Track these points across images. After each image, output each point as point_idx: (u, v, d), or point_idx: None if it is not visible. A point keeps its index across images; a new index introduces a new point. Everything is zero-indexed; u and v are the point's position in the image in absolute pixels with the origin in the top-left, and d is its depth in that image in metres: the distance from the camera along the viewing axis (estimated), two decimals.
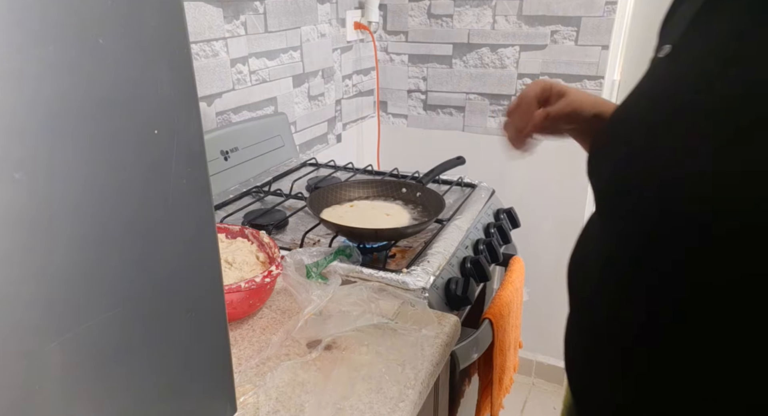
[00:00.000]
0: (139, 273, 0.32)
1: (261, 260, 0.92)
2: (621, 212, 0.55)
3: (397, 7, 1.99)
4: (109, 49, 0.27)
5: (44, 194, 0.26)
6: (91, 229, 0.28)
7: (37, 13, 0.24)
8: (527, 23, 1.83)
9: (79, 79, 0.26)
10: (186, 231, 0.35)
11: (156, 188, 0.32)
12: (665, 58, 0.56)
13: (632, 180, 0.52)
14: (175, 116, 0.32)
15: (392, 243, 1.06)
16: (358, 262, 0.97)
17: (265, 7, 1.49)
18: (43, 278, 0.26)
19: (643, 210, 0.51)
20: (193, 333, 0.38)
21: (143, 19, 0.29)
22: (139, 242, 0.31)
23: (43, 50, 0.24)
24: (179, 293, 0.36)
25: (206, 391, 0.42)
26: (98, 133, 0.28)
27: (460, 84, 2.00)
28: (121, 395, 0.33)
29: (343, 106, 1.98)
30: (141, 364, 0.34)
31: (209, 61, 1.35)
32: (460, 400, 1.07)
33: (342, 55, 1.90)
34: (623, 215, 0.55)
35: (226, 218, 1.18)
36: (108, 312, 0.30)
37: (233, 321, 0.84)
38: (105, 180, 0.28)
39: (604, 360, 0.59)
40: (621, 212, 0.55)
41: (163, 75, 0.30)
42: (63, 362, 0.28)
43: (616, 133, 0.58)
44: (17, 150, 0.24)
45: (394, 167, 1.49)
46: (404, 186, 1.23)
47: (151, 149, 0.31)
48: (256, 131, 1.47)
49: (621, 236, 0.56)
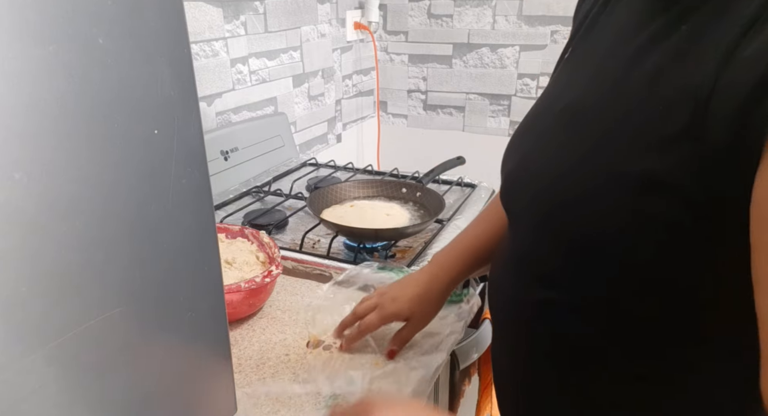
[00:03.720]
0: (139, 273, 0.32)
1: (261, 260, 0.92)
2: (512, 217, 0.58)
3: (397, 7, 1.99)
4: (109, 49, 0.27)
5: (44, 194, 0.25)
6: (91, 229, 0.28)
7: (37, 13, 0.24)
8: (527, 23, 1.83)
9: (79, 80, 0.26)
10: (186, 231, 0.35)
11: (156, 188, 0.32)
12: (566, 61, 0.58)
13: (520, 185, 0.55)
14: (175, 116, 0.32)
15: (392, 243, 1.06)
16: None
17: (265, 7, 1.49)
18: (43, 278, 0.26)
19: (526, 215, 0.54)
20: (193, 333, 0.38)
21: (143, 19, 0.29)
22: (139, 242, 0.31)
23: (43, 50, 0.24)
24: (179, 293, 0.36)
25: (206, 391, 0.42)
26: (98, 133, 0.28)
27: (460, 84, 2.00)
28: (121, 395, 0.33)
29: (343, 106, 1.98)
30: (141, 364, 0.34)
31: (209, 61, 1.35)
32: (460, 400, 1.07)
33: (342, 55, 1.90)
34: (512, 220, 0.58)
35: (226, 218, 1.18)
36: (108, 312, 0.30)
37: (233, 321, 0.84)
38: (105, 180, 0.28)
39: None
40: (512, 218, 0.58)
41: (163, 75, 0.30)
42: (63, 361, 0.28)
43: (514, 140, 0.59)
44: (17, 150, 0.24)
45: (394, 167, 1.49)
46: (404, 186, 1.23)
47: (151, 149, 0.31)
48: (256, 131, 1.47)
49: (515, 240, 0.58)
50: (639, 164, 0.40)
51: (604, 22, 0.54)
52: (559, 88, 0.57)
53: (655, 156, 0.39)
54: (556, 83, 0.58)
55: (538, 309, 0.53)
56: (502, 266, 0.61)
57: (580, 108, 0.49)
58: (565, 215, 0.47)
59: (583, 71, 0.52)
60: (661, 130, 0.40)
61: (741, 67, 0.35)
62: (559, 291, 0.50)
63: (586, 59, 0.53)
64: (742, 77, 0.35)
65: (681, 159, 0.38)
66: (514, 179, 0.56)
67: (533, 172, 0.52)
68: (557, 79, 0.58)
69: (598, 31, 0.54)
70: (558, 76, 0.59)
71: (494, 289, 0.63)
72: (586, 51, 0.54)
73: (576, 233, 0.46)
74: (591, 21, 0.55)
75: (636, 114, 0.42)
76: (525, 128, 0.58)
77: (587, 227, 0.45)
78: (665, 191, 0.39)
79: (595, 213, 0.44)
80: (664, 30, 0.43)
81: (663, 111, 0.40)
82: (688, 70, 0.39)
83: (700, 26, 0.40)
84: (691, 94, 0.38)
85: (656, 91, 0.41)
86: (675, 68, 0.41)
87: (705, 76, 0.37)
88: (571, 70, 0.56)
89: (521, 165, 0.55)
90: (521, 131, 0.59)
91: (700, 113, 0.37)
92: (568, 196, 0.46)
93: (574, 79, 0.53)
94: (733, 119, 0.35)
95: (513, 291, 0.57)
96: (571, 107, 0.50)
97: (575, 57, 0.56)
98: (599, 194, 0.43)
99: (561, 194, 0.47)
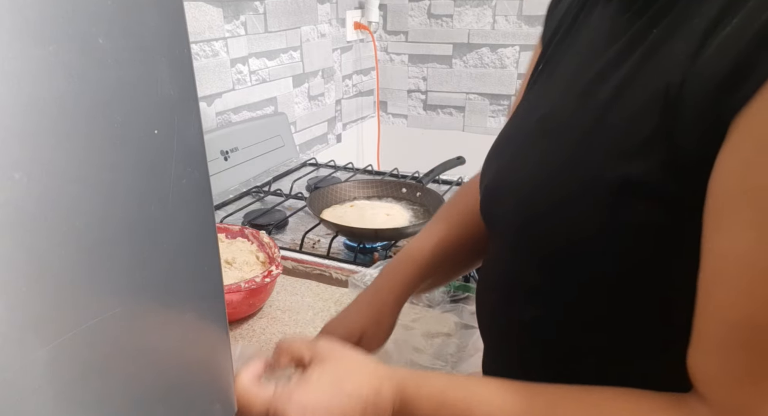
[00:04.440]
0: (139, 273, 0.32)
1: (261, 260, 0.92)
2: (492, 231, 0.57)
3: (397, 7, 1.99)
4: (109, 49, 0.27)
5: (44, 194, 0.25)
6: (91, 229, 0.28)
7: (37, 13, 0.24)
8: (527, 23, 1.83)
9: (79, 79, 0.26)
10: (186, 231, 0.35)
11: (156, 188, 0.32)
12: (541, 72, 0.57)
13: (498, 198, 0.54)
14: (175, 116, 0.32)
15: (392, 243, 1.06)
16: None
17: (265, 7, 1.49)
18: (43, 278, 0.26)
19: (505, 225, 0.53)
20: (193, 333, 0.38)
21: (143, 19, 0.29)
22: (139, 242, 0.31)
23: (43, 50, 0.24)
24: (179, 293, 0.36)
25: (206, 391, 0.42)
26: (98, 132, 0.28)
27: (460, 84, 2.00)
28: (120, 395, 0.33)
29: (343, 106, 1.98)
30: (141, 364, 0.34)
31: (209, 61, 1.35)
32: None
33: (342, 55, 1.90)
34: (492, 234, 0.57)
35: (226, 218, 1.18)
36: (108, 312, 0.30)
37: (233, 321, 0.84)
38: (105, 180, 0.28)
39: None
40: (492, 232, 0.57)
41: (163, 75, 0.30)
42: (63, 362, 0.28)
43: (491, 153, 0.58)
44: (17, 150, 0.24)
45: (394, 167, 1.49)
46: (404, 186, 1.23)
47: (151, 149, 0.31)
48: (256, 131, 1.47)
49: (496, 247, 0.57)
50: (615, 169, 0.40)
51: (576, 31, 0.53)
52: (534, 99, 0.56)
53: (632, 161, 0.39)
54: (532, 94, 0.57)
55: (525, 325, 0.52)
56: (484, 281, 0.61)
57: (556, 119, 0.48)
58: (542, 225, 0.46)
59: (558, 82, 0.52)
60: (635, 134, 0.39)
61: (709, 59, 0.35)
62: (543, 304, 0.50)
63: (560, 69, 0.53)
64: (710, 69, 0.35)
65: (657, 161, 0.38)
66: (492, 192, 0.55)
67: (511, 185, 0.51)
68: (533, 90, 0.58)
69: (571, 41, 0.53)
70: (533, 87, 0.58)
71: (481, 305, 0.62)
72: (560, 61, 0.54)
73: (553, 243, 0.46)
74: (564, 31, 0.55)
75: (609, 121, 0.42)
76: (502, 140, 0.58)
77: (564, 237, 0.44)
78: (644, 195, 0.39)
79: (572, 222, 0.44)
80: (635, 37, 0.43)
81: (635, 115, 0.40)
82: (658, 71, 0.39)
83: (670, 28, 0.40)
84: (662, 93, 0.38)
85: (628, 95, 0.41)
86: (646, 71, 0.40)
87: (674, 73, 0.37)
88: (545, 81, 0.55)
89: (498, 177, 0.54)
90: (498, 144, 0.58)
91: (670, 111, 0.37)
92: (544, 206, 0.46)
93: (550, 90, 0.53)
94: (704, 111, 0.35)
95: (498, 307, 0.57)
96: (547, 118, 0.50)
97: (549, 67, 0.56)
98: (576, 202, 0.43)
99: (538, 205, 0.47)
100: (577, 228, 0.43)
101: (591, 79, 0.46)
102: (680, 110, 0.36)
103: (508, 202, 0.51)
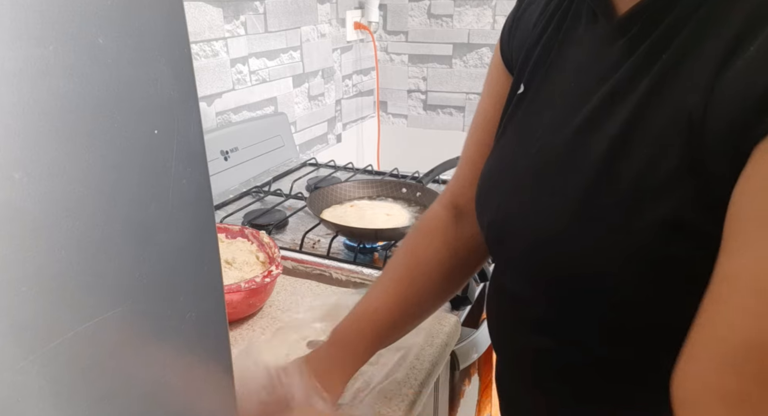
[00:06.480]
0: (139, 273, 0.32)
1: (261, 260, 0.92)
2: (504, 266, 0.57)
3: (397, 7, 1.99)
4: (108, 49, 0.27)
5: (44, 194, 0.25)
6: (91, 229, 0.28)
7: (37, 13, 0.24)
8: None
9: (79, 79, 0.26)
10: (186, 231, 0.35)
11: (156, 188, 0.32)
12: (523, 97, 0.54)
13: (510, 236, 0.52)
14: (175, 116, 0.31)
15: (392, 243, 1.06)
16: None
17: (265, 7, 1.49)
18: (42, 278, 0.26)
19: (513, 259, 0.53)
20: (193, 333, 0.38)
21: (143, 19, 0.29)
22: (139, 242, 0.31)
23: (43, 50, 0.24)
24: (179, 293, 0.36)
25: (206, 391, 0.42)
26: (98, 132, 0.28)
27: (460, 84, 2.00)
28: (121, 395, 0.33)
29: (343, 106, 1.98)
30: (140, 364, 0.34)
31: (209, 61, 1.35)
32: (460, 400, 1.06)
33: (342, 55, 1.90)
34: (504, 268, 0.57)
35: (226, 218, 1.18)
36: (108, 312, 0.30)
37: (233, 321, 0.84)
38: (104, 180, 0.28)
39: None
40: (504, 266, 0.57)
41: (163, 75, 0.30)
42: (63, 362, 0.28)
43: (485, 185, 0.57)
44: (17, 150, 0.24)
45: (394, 167, 1.49)
46: (404, 186, 1.24)
47: (151, 149, 0.31)
48: (256, 131, 1.47)
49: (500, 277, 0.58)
50: (642, 211, 0.39)
51: (558, 55, 0.51)
52: (526, 127, 0.53)
53: (659, 198, 0.38)
54: (520, 122, 0.54)
55: (539, 353, 0.53)
56: (496, 309, 0.61)
57: (560, 152, 0.46)
58: (562, 265, 0.45)
59: (549, 109, 0.50)
60: (658, 167, 0.38)
61: (732, 84, 0.34)
62: (558, 336, 0.50)
63: (547, 95, 0.51)
64: (734, 94, 0.34)
65: (688, 195, 0.37)
66: (499, 231, 0.53)
67: (523, 224, 0.49)
68: (519, 118, 0.55)
69: (558, 69, 0.51)
70: (516, 113, 0.55)
71: (494, 330, 0.62)
72: (544, 88, 0.52)
73: (572, 281, 0.45)
74: (540, 54, 0.53)
75: (626, 156, 0.40)
76: (495, 172, 0.55)
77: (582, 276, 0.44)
78: (681, 231, 0.38)
79: (594, 264, 0.42)
80: (640, 63, 0.41)
81: (658, 147, 0.39)
82: (674, 98, 0.38)
83: (680, 53, 0.39)
84: (684, 120, 0.37)
85: (642, 127, 0.40)
86: (662, 99, 0.39)
87: (694, 99, 0.36)
88: (533, 108, 0.53)
89: (505, 214, 0.52)
90: (492, 175, 0.55)
91: (696, 138, 0.36)
92: (572, 249, 0.44)
93: (541, 118, 0.50)
94: (730, 136, 0.34)
95: (511, 334, 0.57)
96: (549, 150, 0.48)
97: (531, 94, 0.53)
98: (608, 246, 0.41)
99: (563, 246, 0.45)
100: (599, 267, 0.42)
101: (595, 107, 0.44)
102: (705, 137, 0.35)
103: (520, 241, 0.50)
